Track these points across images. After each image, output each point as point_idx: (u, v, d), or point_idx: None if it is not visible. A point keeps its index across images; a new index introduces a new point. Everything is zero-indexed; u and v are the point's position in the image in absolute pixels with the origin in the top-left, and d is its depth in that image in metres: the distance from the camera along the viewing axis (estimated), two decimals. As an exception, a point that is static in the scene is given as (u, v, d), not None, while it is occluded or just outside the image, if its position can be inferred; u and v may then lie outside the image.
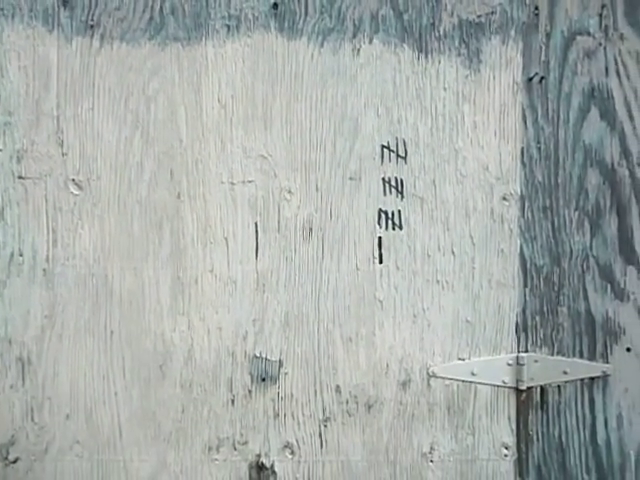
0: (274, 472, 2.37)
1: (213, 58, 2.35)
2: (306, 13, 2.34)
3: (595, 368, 2.35)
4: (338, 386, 2.36)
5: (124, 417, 2.37)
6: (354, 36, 2.35)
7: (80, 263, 2.35)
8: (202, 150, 2.36)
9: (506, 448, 2.37)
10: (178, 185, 2.36)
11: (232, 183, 2.35)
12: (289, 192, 2.36)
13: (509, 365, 2.36)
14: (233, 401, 2.37)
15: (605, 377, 2.36)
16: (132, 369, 2.37)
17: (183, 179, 2.36)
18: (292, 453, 2.37)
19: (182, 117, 2.35)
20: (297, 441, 2.37)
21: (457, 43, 2.35)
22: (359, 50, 2.35)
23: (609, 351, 2.36)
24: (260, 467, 2.38)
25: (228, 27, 2.35)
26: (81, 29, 2.35)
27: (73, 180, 2.36)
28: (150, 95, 2.36)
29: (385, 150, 2.35)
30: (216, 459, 2.37)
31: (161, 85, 2.35)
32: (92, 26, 2.34)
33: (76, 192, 2.36)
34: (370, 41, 2.35)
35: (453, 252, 2.36)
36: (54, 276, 2.35)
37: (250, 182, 2.35)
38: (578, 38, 2.35)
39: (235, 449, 2.37)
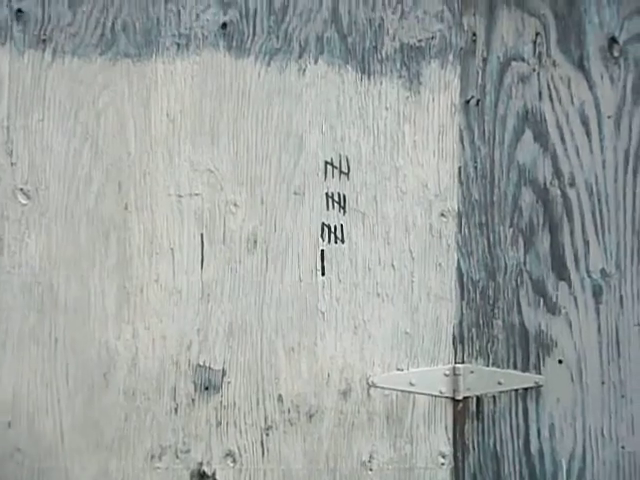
0: (215, 480, 1.78)
1: (163, 74, 1.79)
2: (254, 33, 1.79)
3: (528, 379, 1.81)
4: (280, 395, 1.78)
5: (67, 425, 1.76)
6: (300, 56, 1.80)
7: (26, 271, 1.76)
8: (150, 163, 1.78)
9: (443, 457, 1.80)
10: (126, 196, 1.78)
11: (179, 195, 1.79)
12: (235, 205, 1.79)
13: (446, 376, 1.80)
14: (176, 409, 1.77)
15: (538, 388, 1.81)
16: (76, 377, 1.76)
17: (131, 191, 1.78)
18: (234, 461, 1.78)
19: (131, 130, 1.78)
20: (239, 449, 1.78)
21: (398, 66, 1.81)
22: (304, 70, 1.80)
23: (542, 363, 1.81)
24: (202, 475, 1.78)
25: (178, 45, 1.79)
26: (33, 43, 1.77)
27: (21, 190, 1.76)
28: (100, 108, 1.78)
29: (328, 166, 1.80)
30: (158, 467, 1.77)
31: (111, 99, 1.78)
32: (44, 40, 1.77)
33: (24, 201, 1.77)
34: (315, 61, 1.80)
35: (393, 266, 1.81)
36: None
37: (197, 195, 1.79)
38: (513, 64, 1.82)
39: (177, 457, 1.77)
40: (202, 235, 1.77)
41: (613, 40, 1.80)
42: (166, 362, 1.76)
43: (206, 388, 1.75)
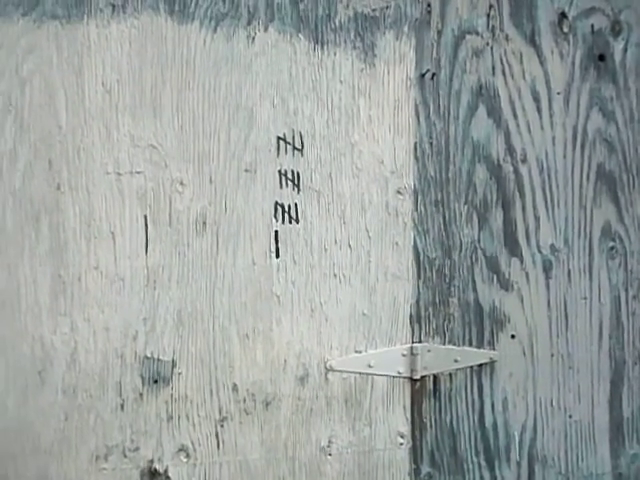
0: (168, 477, 1.48)
1: (96, 39, 1.43)
2: (198, -4, 1.46)
3: (483, 355, 1.61)
4: (235, 384, 1.50)
5: (-2, 430, 1.41)
6: (249, 23, 1.49)
7: (-57, 261, 1.38)
8: (84, 138, 1.42)
9: (401, 437, 1.58)
10: (58, 175, 1.42)
11: (119, 174, 1.44)
12: (181, 184, 1.47)
13: (404, 356, 1.57)
14: (122, 406, 1.46)
15: (492, 363, 1.61)
16: (7, 376, 1.41)
17: (63, 169, 1.42)
18: (187, 456, 1.49)
19: (61, 101, 1.41)
20: (192, 443, 1.49)
21: (353, 36, 1.53)
22: (254, 38, 1.49)
23: (495, 338, 1.61)
24: (153, 473, 1.48)
25: (113, 6, 1.43)
26: (-59, -1, 1.37)
27: None
28: (24, 76, 1.40)
29: (281, 142, 1.51)
30: (104, 468, 1.45)
31: (37, 66, 1.40)
32: (-46, -4, 1.37)
33: (-63, 182, 1.38)
34: (265, 29, 1.49)
35: (350, 245, 1.55)
36: None
37: (139, 173, 1.45)
38: (467, 37, 1.58)
39: (125, 456, 1.46)
40: (146, 217, 1.44)
41: (563, 15, 1.60)
42: (110, 355, 1.43)
43: (155, 381, 1.45)
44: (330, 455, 1.53)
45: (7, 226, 1.40)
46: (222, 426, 1.49)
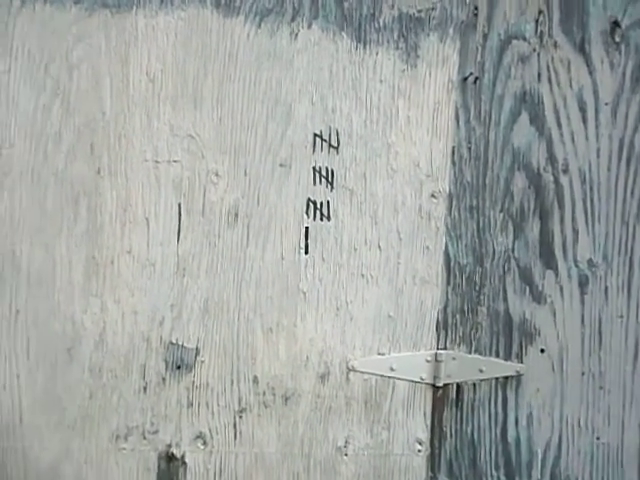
0: (184, 463, 1.50)
1: (144, 29, 1.46)
2: (244, -9, 1.47)
3: (510, 368, 1.56)
4: (256, 377, 1.50)
5: (26, 402, 1.45)
6: (293, 19, 1.49)
7: (-15, 236, 1.43)
8: (126, 125, 1.46)
9: (420, 443, 1.55)
10: (98, 160, 1.45)
11: (156, 162, 1.47)
12: (216, 175, 1.48)
13: (427, 362, 1.54)
14: (145, 388, 1.48)
15: (518, 377, 1.57)
16: (37, 351, 1.45)
17: (104, 154, 1.45)
18: (204, 444, 1.50)
19: (106, 88, 1.45)
20: (210, 431, 1.50)
21: (396, 36, 1.51)
22: (297, 34, 1.49)
23: (524, 352, 1.57)
24: (170, 457, 1.49)
25: (161, -2, 1.46)
26: (0, -15, 1.42)
27: (-18, 146, 1.43)
28: (73, 62, 1.44)
29: (317, 139, 1.50)
30: (124, 448, 1.48)
31: (86, 53, 1.44)
32: (13, -17, 1.42)
33: (-15, 160, 1.43)
34: (309, 26, 1.49)
35: (379, 246, 1.53)
36: (-43, 248, 1.42)
37: (176, 162, 1.47)
38: (514, 42, 1.54)
39: (144, 438, 1.48)
40: (180, 205, 1.46)
41: (615, 24, 1.54)
42: (136, 338, 1.46)
43: (178, 367, 1.47)
44: (346, 455, 1.52)
45: (48, 206, 1.44)
46: (240, 417, 1.49)
